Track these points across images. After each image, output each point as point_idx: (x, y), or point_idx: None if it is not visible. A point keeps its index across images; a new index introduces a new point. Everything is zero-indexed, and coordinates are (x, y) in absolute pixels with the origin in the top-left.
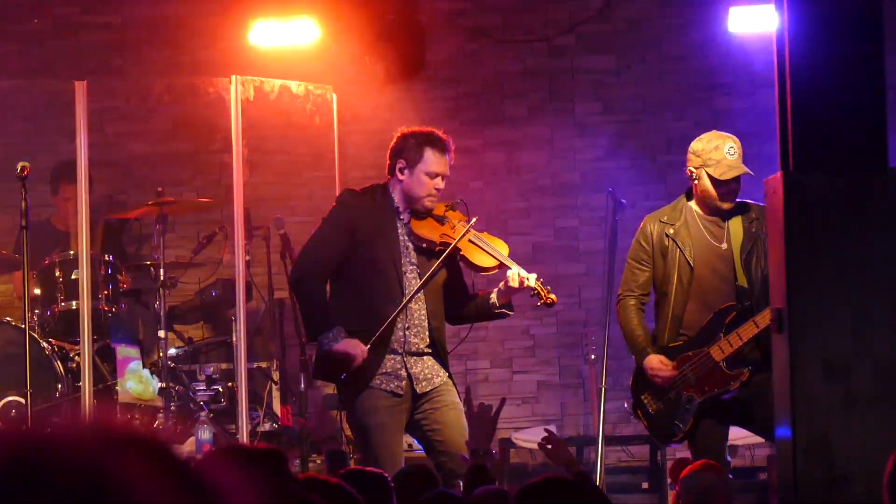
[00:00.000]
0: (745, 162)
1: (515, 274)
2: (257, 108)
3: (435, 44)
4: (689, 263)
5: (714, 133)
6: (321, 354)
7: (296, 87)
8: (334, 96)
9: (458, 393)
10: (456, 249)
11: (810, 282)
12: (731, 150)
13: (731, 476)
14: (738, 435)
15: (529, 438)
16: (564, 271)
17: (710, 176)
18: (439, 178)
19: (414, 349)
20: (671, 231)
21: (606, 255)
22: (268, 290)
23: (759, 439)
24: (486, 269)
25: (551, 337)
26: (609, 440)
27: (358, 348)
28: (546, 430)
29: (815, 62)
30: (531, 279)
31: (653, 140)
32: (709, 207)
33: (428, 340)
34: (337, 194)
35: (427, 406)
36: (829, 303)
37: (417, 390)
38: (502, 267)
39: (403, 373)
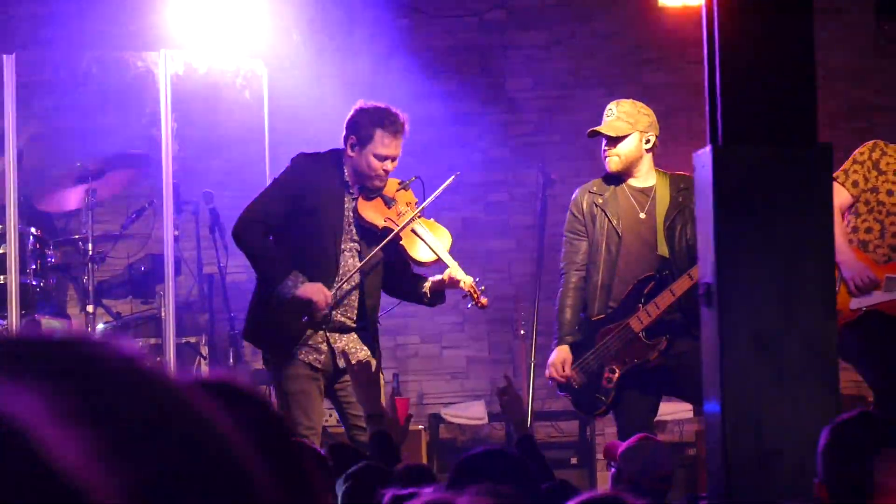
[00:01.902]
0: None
1: (452, 272)
2: (187, 82)
3: (366, 18)
4: (618, 233)
5: (622, 99)
6: (281, 301)
7: (225, 61)
8: (265, 70)
9: (381, 369)
10: (397, 237)
11: (739, 256)
12: (611, 111)
13: None
14: (666, 410)
15: (459, 414)
16: (494, 247)
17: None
18: (389, 161)
19: (338, 325)
20: (600, 201)
21: (537, 230)
22: (197, 265)
23: (688, 415)
24: (423, 263)
25: (481, 312)
26: (538, 415)
27: (322, 293)
28: (506, 378)
29: (744, 36)
30: (466, 281)
31: (584, 115)
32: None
33: (355, 317)
34: (267, 169)
35: (347, 379)
36: (757, 277)
37: (340, 364)
38: (440, 262)
39: (325, 347)
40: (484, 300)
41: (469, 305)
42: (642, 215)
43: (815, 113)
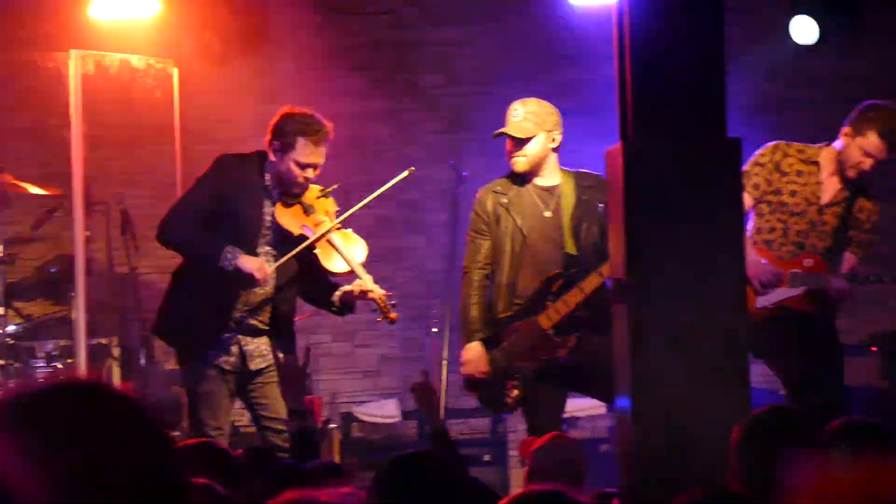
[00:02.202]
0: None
1: (360, 285)
2: (97, 82)
3: (279, 16)
4: (522, 232)
5: (526, 98)
6: (228, 276)
7: (136, 60)
8: (175, 70)
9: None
10: (311, 246)
11: (650, 251)
12: (517, 112)
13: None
14: (579, 406)
15: (371, 412)
16: (407, 244)
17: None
18: (310, 169)
19: (250, 328)
20: (504, 200)
21: (449, 227)
22: (108, 266)
23: (600, 410)
24: (336, 274)
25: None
26: (451, 413)
27: (263, 268)
28: (422, 373)
29: (655, 32)
30: (377, 294)
31: (496, 112)
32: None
33: (268, 321)
34: (179, 169)
35: (259, 380)
36: (668, 272)
37: (251, 367)
38: (352, 274)
39: (235, 349)
40: (394, 314)
41: (378, 319)
42: (548, 214)
43: (725, 108)
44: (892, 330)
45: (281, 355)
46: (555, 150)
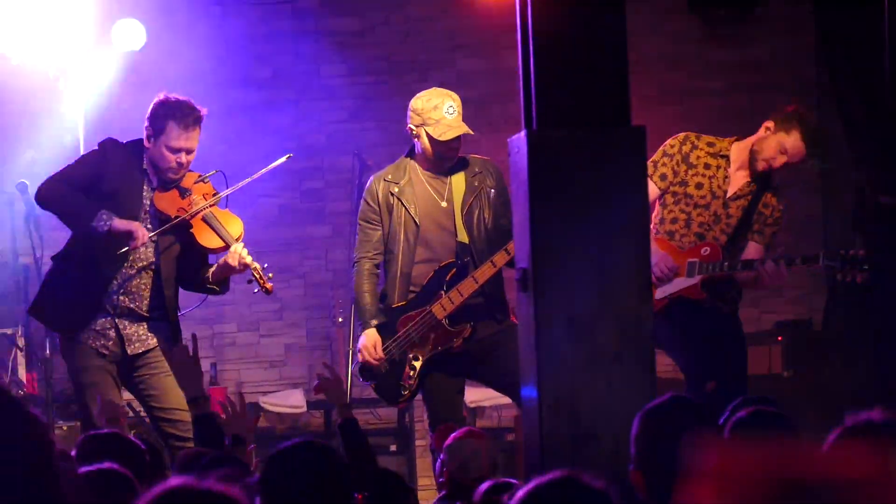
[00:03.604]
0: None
1: (235, 253)
2: (0, 73)
3: (180, 5)
4: (415, 221)
5: (434, 90)
6: (97, 235)
7: (40, 51)
8: (79, 60)
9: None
10: (185, 224)
11: (554, 240)
12: (451, 108)
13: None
14: (485, 396)
15: (277, 402)
16: (311, 233)
17: (429, 135)
18: (183, 154)
19: (127, 312)
20: (396, 189)
21: (352, 216)
22: (12, 256)
23: (505, 400)
24: (212, 250)
25: (298, 299)
26: (357, 402)
27: (141, 227)
28: (325, 365)
29: (557, 20)
30: (249, 261)
31: (398, 102)
32: (431, 165)
33: (145, 307)
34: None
35: (145, 371)
36: (572, 260)
37: (129, 351)
38: (228, 248)
39: (112, 333)
40: (269, 285)
41: (255, 290)
42: (443, 204)
43: (629, 97)
44: (796, 319)
45: (154, 342)
46: None
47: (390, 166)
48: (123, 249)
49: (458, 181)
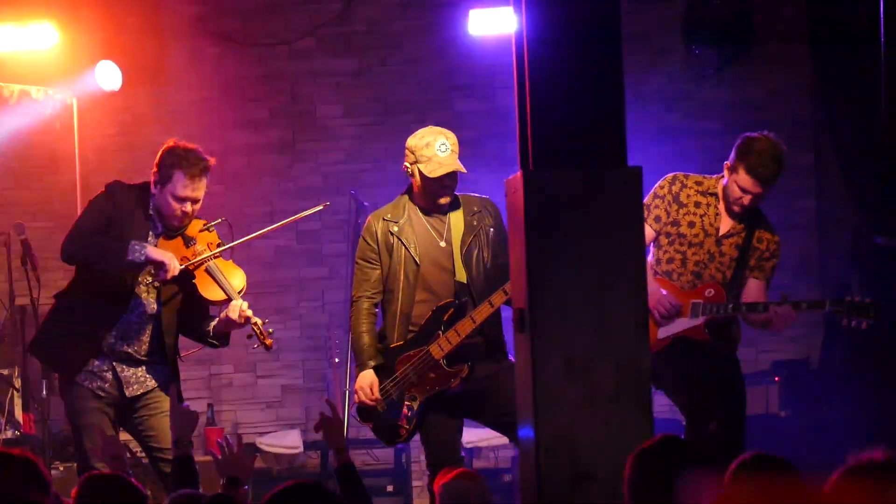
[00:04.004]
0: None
1: (237, 307)
2: None
3: (177, 47)
4: (415, 260)
5: (428, 129)
6: (137, 266)
7: (35, 91)
8: (74, 101)
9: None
10: (189, 274)
11: (551, 280)
12: (443, 146)
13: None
14: (481, 436)
15: (274, 443)
16: (308, 274)
17: (421, 173)
18: (188, 203)
19: (124, 356)
20: (395, 229)
21: (349, 257)
22: (9, 297)
23: (502, 441)
24: (214, 302)
25: (295, 340)
26: (354, 443)
27: (173, 262)
28: (328, 403)
29: (554, 62)
30: (250, 314)
31: (395, 142)
32: (426, 203)
33: (144, 351)
34: (78, 199)
35: (143, 412)
36: (569, 301)
37: (127, 394)
38: (230, 302)
39: (109, 375)
40: (269, 341)
41: (255, 346)
42: (442, 244)
43: (625, 137)
44: (793, 359)
45: (152, 384)
46: None
47: (388, 205)
48: (152, 279)
49: (457, 220)
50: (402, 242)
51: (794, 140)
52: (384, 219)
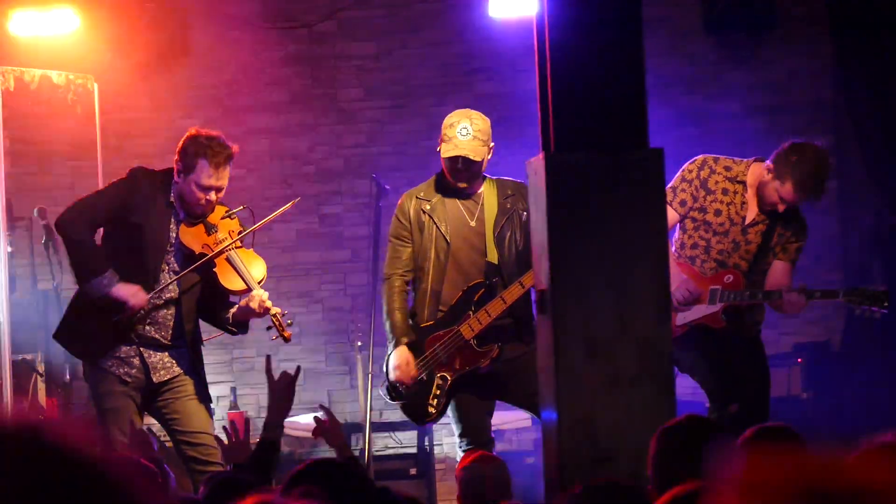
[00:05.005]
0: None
1: (256, 297)
2: (18, 98)
3: (197, 31)
4: (446, 239)
5: (462, 111)
6: (92, 299)
7: (56, 76)
8: (95, 85)
9: (206, 387)
10: (210, 263)
11: (573, 262)
12: (465, 130)
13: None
14: (504, 419)
15: (296, 426)
16: (330, 258)
17: (440, 153)
18: (213, 192)
19: (151, 341)
20: (427, 207)
21: (371, 240)
22: (31, 281)
23: (525, 423)
24: (234, 292)
25: (317, 324)
26: (376, 426)
27: (139, 296)
28: (322, 408)
29: (575, 44)
30: (269, 305)
31: (415, 125)
32: (450, 182)
33: (170, 336)
34: (100, 184)
35: (169, 396)
36: (591, 282)
37: (154, 379)
38: (250, 292)
39: (137, 361)
40: (288, 332)
41: (273, 337)
42: (473, 223)
43: (646, 119)
44: (815, 342)
45: (178, 370)
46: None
47: (422, 184)
48: (118, 315)
49: (491, 202)
50: (433, 221)
51: (814, 122)
52: (417, 197)
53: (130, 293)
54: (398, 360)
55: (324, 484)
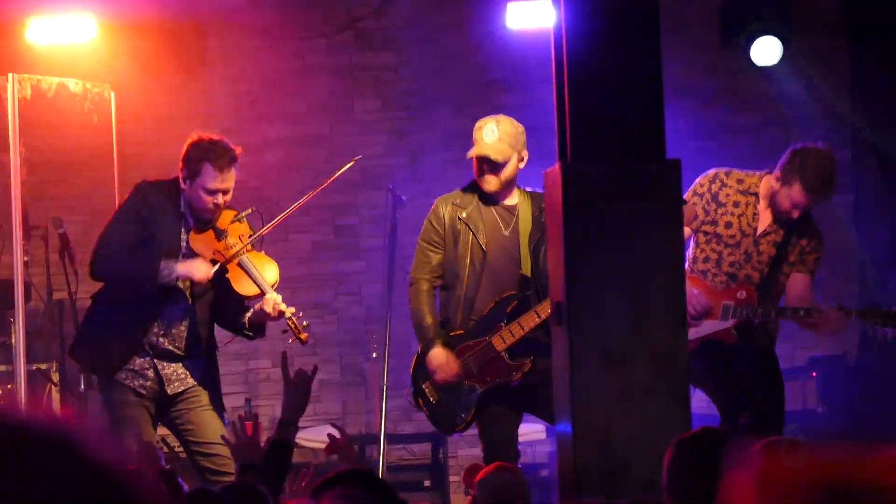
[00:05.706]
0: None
1: (270, 300)
2: (35, 106)
3: (214, 40)
4: (482, 247)
5: (493, 115)
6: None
7: (73, 85)
8: (112, 94)
9: (221, 397)
10: (222, 269)
11: (588, 273)
12: (491, 131)
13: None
14: (519, 432)
15: (311, 438)
16: (345, 269)
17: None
18: (220, 195)
19: (165, 352)
20: (463, 214)
21: (387, 252)
22: (47, 291)
23: (540, 436)
24: (248, 297)
25: (333, 335)
26: (391, 438)
27: (203, 268)
28: (333, 425)
29: (592, 55)
30: (286, 311)
31: (432, 137)
32: (481, 186)
33: (183, 346)
34: (116, 193)
35: (182, 406)
36: (607, 293)
37: (168, 391)
38: (263, 296)
39: (151, 373)
40: (304, 335)
41: (290, 341)
42: (506, 232)
43: (663, 130)
44: (830, 355)
45: (191, 381)
46: (521, 169)
47: (458, 190)
48: (187, 286)
49: (525, 215)
50: (469, 228)
51: (831, 135)
52: (453, 203)
53: (195, 268)
54: (438, 359)
55: (352, 493)
